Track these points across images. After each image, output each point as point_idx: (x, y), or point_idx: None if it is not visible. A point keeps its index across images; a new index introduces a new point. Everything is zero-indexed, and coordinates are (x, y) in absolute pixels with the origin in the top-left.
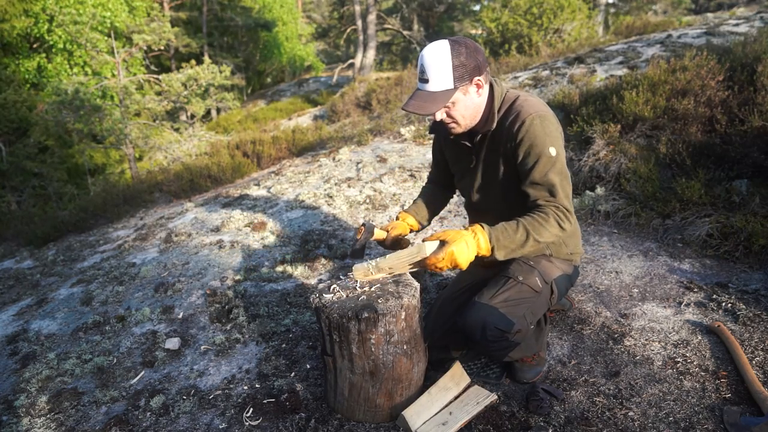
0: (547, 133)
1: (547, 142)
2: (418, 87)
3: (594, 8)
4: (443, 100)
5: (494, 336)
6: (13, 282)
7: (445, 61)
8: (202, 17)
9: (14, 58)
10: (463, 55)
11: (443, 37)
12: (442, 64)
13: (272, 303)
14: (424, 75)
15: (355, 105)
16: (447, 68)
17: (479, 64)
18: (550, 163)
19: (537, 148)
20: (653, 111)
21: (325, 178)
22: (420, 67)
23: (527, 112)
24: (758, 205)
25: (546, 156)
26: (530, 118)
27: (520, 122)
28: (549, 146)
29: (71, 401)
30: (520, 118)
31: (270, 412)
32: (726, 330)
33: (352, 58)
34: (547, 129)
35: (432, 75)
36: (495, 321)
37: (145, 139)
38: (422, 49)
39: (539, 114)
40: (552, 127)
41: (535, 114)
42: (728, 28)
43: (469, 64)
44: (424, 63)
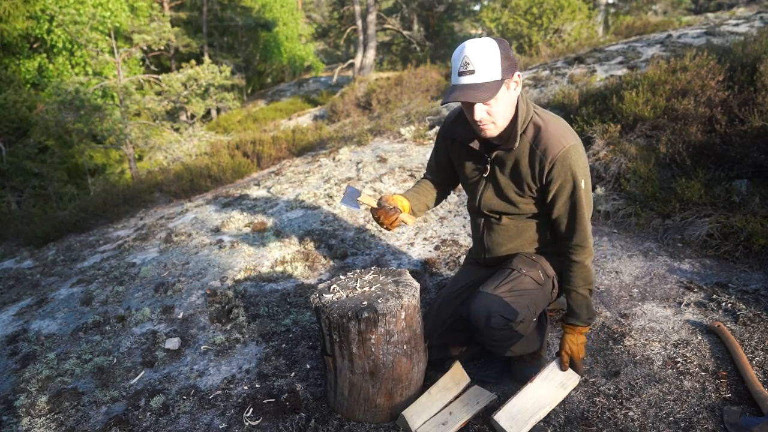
0: (578, 165)
1: (579, 175)
2: (457, 82)
3: (594, 8)
4: (494, 89)
5: (498, 324)
6: (13, 282)
7: (493, 52)
8: (202, 17)
9: (15, 58)
10: (506, 49)
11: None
12: (491, 54)
13: (272, 303)
14: (469, 66)
15: (355, 105)
16: (495, 58)
17: (516, 61)
18: (579, 196)
19: (569, 185)
20: (653, 111)
21: (325, 178)
22: (462, 59)
23: (559, 146)
24: (758, 205)
25: (578, 190)
26: (563, 154)
27: (552, 158)
28: (580, 180)
29: (71, 401)
30: (552, 153)
31: (270, 412)
32: (726, 330)
33: (352, 58)
34: (578, 162)
35: (479, 65)
36: (500, 309)
37: (145, 139)
38: (457, 46)
39: (570, 146)
40: (582, 159)
41: (567, 148)
42: (728, 28)
43: (512, 57)
44: (467, 54)
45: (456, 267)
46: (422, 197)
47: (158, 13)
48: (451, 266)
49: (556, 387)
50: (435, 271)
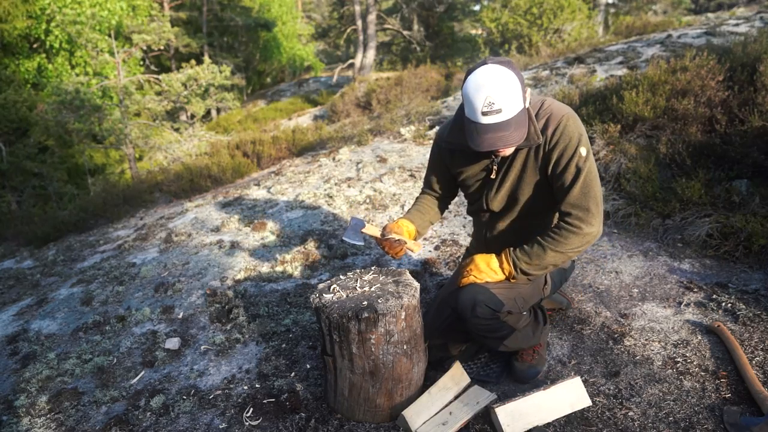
0: (579, 132)
1: (581, 142)
2: (483, 121)
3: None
4: (523, 123)
5: (483, 314)
6: (13, 282)
7: (513, 84)
8: (202, 17)
9: (14, 58)
10: (517, 71)
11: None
12: (512, 88)
13: (272, 303)
14: (494, 106)
15: (355, 105)
16: (517, 90)
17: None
18: (580, 163)
19: (570, 149)
20: (653, 111)
21: (325, 178)
22: (485, 99)
23: (558, 114)
24: (758, 205)
25: (578, 155)
26: (564, 119)
27: (555, 125)
28: (581, 146)
29: (71, 401)
30: (554, 121)
31: (270, 412)
32: (726, 330)
33: (352, 58)
34: (579, 129)
35: (506, 103)
36: (485, 299)
37: (145, 139)
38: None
39: (568, 114)
40: (581, 126)
41: (565, 114)
42: (728, 28)
43: (522, 77)
44: (491, 94)
45: (456, 266)
46: (425, 215)
47: (158, 13)
48: (451, 266)
49: (564, 404)
50: (435, 271)
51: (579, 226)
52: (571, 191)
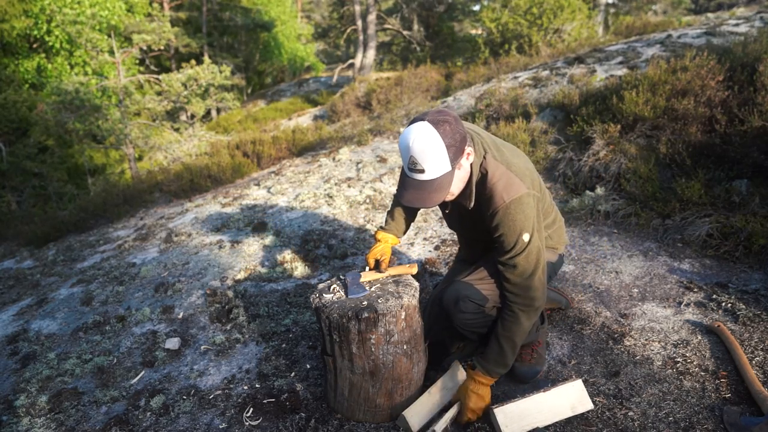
0: (520, 220)
1: (523, 228)
2: (409, 176)
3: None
4: (446, 185)
5: (467, 308)
6: (13, 282)
7: (438, 147)
8: (202, 17)
9: (14, 58)
10: (449, 133)
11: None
12: (436, 151)
13: (272, 303)
14: (417, 166)
15: (355, 105)
16: (442, 153)
17: (462, 134)
18: (522, 249)
19: (511, 237)
20: (653, 111)
21: (325, 178)
22: (409, 159)
23: (500, 200)
24: (758, 205)
25: (519, 244)
26: (503, 209)
27: (493, 211)
28: (523, 234)
29: (71, 401)
30: (493, 206)
31: (270, 412)
32: (726, 330)
33: (352, 58)
34: (519, 216)
35: (428, 165)
36: (469, 294)
37: (145, 139)
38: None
39: (511, 201)
40: (525, 211)
41: (508, 202)
42: (728, 28)
43: (457, 139)
44: (414, 155)
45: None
46: (408, 219)
47: (158, 13)
48: (451, 266)
49: (566, 406)
50: (435, 271)
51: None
52: (512, 274)
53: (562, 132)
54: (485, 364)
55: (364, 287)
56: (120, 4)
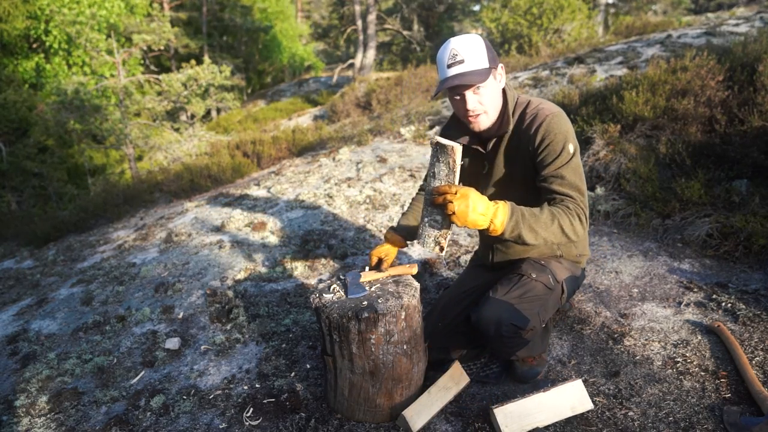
0: (565, 130)
1: (567, 138)
2: (447, 74)
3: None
4: (483, 76)
5: (509, 332)
6: (13, 282)
7: (478, 43)
8: (202, 17)
9: (14, 58)
10: (488, 43)
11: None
12: (477, 46)
13: (272, 303)
14: (458, 57)
15: (355, 105)
16: (481, 48)
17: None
18: (568, 159)
19: (557, 145)
20: (653, 111)
21: (325, 178)
22: (449, 52)
23: (544, 113)
24: (758, 205)
25: (565, 152)
26: (549, 118)
27: (539, 122)
28: (568, 143)
29: (71, 401)
30: (539, 119)
31: (270, 412)
32: (726, 330)
33: (352, 58)
34: (564, 126)
35: (467, 55)
36: (510, 317)
37: (145, 139)
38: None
39: (555, 113)
40: (568, 125)
41: (551, 114)
42: (728, 28)
43: (494, 51)
44: (455, 47)
45: (456, 267)
46: (418, 215)
47: (158, 13)
48: (451, 266)
49: (566, 406)
50: (435, 271)
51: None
52: (561, 184)
53: None
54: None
55: (364, 287)
56: (119, 3)
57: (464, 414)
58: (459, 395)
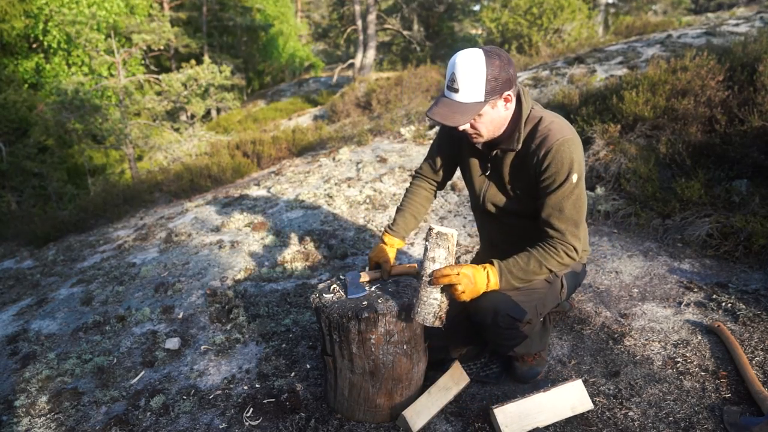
0: (572, 159)
1: (573, 168)
2: (445, 94)
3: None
4: (472, 112)
5: (505, 323)
6: (13, 282)
7: (479, 73)
8: (202, 17)
9: (13, 58)
10: (497, 68)
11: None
12: (476, 76)
13: (272, 303)
14: (455, 84)
15: (355, 105)
16: (480, 80)
17: (511, 78)
18: (571, 190)
19: (562, 175)
20: (653, 111)
21: (325, 178)
22: (450, 75)
23: (554, 137)
24: (758, 205)
25: (569, 183)
26: (557, 144)
27: (548, 148)
28: (573, 174)
29: (71, 401)
30: (548, 144)
31: (270, 412)
32: (726, 330)
33: (352, 58)
34: (573, 155)
35: (463, 85)
36: (507, 308)
37: (145, 139)
38: (454, 53)
39: (566, 139)
40: (577, 151)
41: (562, 140)
42: (728, 28)
43: (501, 78)
44: (456, 71)
45: None
46: (418, 215)
47: (158, 13)
48: None
49: (566, 406)
50: None
51: (559, 251)
52: (558, 219)
53: None
54: (504, 267)
55: (364, 287)
56: (118, 2)
57: (464, 414)
58: (459, 395)
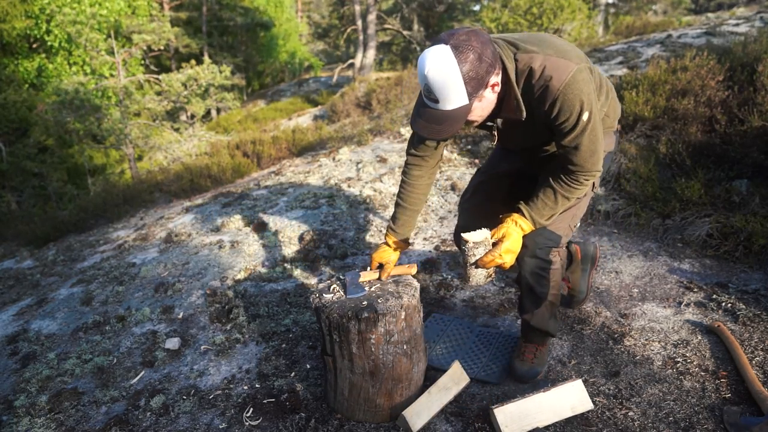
0: (580, 98)
1: (583, 108)
2: (427, 104)
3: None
4: (460, 118)
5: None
6: (13, 282)
7: (454, 78)
8: (202, 17)
9: (14, 58)
10: (472, 62)
11: (440, 39)
12: (452, 82)
13: (272, 303)
14: (431, 95)
15: (355, 105)
16: (458, 84)
17: (491, 62)
18: (584, 127)
19: (573, 118)
20: (653, 111)
21: (325, 178)
22: (425, 86)
23: (555, 86)
24: (758, 205)
25: (581, 122)
26: (560, 93)
27: (552, 98)
28: (584, 113)
29: (71, 401)
30: (551, 94)
31: (270, 412)
32: (726, 330)
33: (352, 58)
34: (578, 94)
35: (441, 96)
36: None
37: (145, 139)
38: (420, 56)
39: (567, 82)
40: (583, 88)
41: (563, 84)
42: (728, 28)
43: (480, 70)
44: (428, 83)
45: (456, 267)
46: (417, 209)
47: (158, 13)
48: (452, 266)
49: (566, 407)
50: (435, 271)
51: (582, 182)
52: (576, 155)
53: None
54: (532, 211)
55: (363, 287)
56: (119, 2)
57: (464, 414)
58: (459, 395)
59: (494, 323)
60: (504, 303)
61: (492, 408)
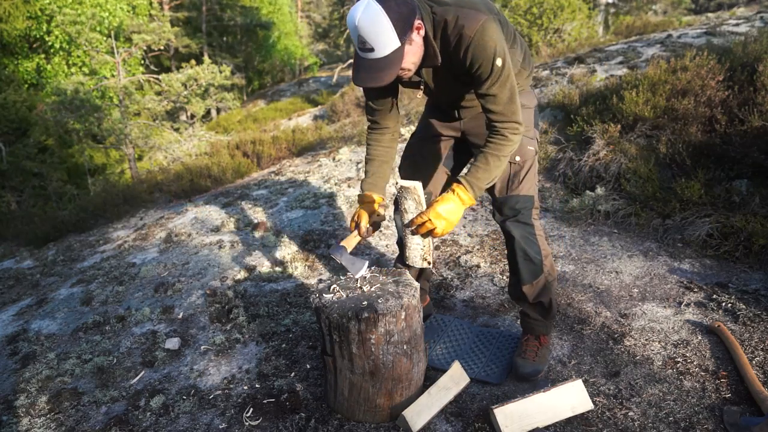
0: (492, 46)
1: (496, 53)
2: (361, 55)
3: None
4: (396, 61)
5: (524, 217)
6: (13, 282)
7: (383, 23)
8: (202, 17)
9: (14, 58)
10: (394, 8)
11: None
12: (383, 28)
13: (272, 303)
14: (366, 45)
15: (355, 105)
16: (388, 29)
17: (411, 7)
18: (499, 75)
19: (487, 65)
20: (653, 111)
21: (325, 178)
22: (358, 38)
23: (467, 34)
24: (758, 205)
25: (495, 69)
26: (473, 38)
27: (466, 46)
28: (497, 58)
29: (71, 401)
30: (464, 41)
31: (270, 412)
32: (726, 330)
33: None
34: (490, 41)
35: (375, 43)
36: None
37: (145, 139)
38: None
39: (477, 29)
40: (493, 35)
41: (474, 32)
42: (728, 28)
43: (404, 12)
44: (361, 33)
45: (456, 267)
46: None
47: (158, 13)
48: (451, 266)
49: (566, 407)
50: (435, 271)
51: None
52: (494, 102)
53: (562, 132)
54: (469, 178)
55: (362, 258)
56: (122, 5)
57: (464, 414)
58: (459, 395)
59: (494, 323)
60: (504, 303)
61: (492, 408)
